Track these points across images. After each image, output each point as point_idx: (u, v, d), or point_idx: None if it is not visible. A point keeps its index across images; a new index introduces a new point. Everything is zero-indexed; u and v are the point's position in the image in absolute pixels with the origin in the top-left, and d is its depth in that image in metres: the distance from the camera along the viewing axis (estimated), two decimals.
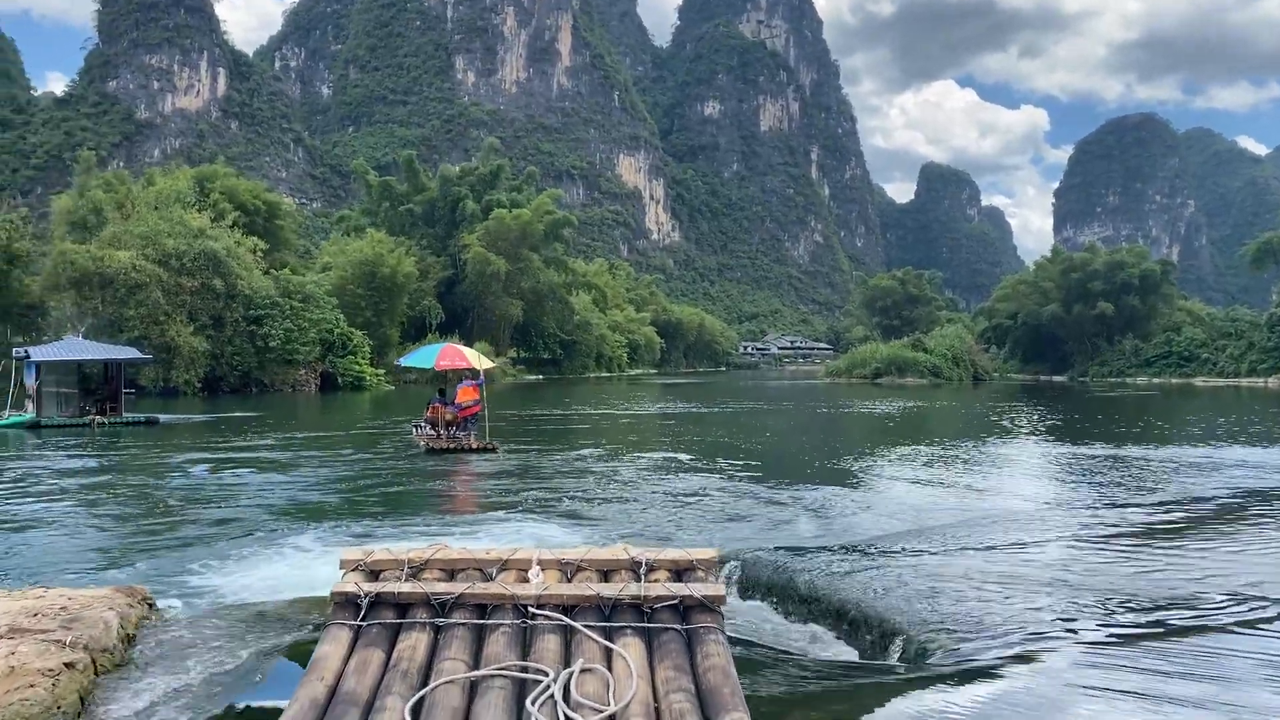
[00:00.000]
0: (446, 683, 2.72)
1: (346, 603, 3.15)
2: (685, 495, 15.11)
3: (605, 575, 3.35)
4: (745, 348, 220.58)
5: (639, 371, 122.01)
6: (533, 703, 2.66)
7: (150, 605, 5.25)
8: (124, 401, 32.10)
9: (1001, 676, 3.93)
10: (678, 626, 3.06)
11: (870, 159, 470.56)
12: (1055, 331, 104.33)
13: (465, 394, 22.45)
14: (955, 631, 4.50)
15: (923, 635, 4.50)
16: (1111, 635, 4.52)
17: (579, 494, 15.80)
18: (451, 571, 3.33)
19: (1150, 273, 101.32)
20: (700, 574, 3.32)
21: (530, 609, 3.11)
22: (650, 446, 25.36)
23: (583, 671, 2.79)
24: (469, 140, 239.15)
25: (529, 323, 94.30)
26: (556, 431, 30.80)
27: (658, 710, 2.67)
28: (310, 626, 4.66)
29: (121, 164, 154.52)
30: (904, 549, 6.62)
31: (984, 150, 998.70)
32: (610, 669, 2.83)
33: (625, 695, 2.64)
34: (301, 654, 3.84)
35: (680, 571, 3.35)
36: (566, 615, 3.10)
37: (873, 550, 6.57)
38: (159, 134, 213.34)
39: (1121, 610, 4.90)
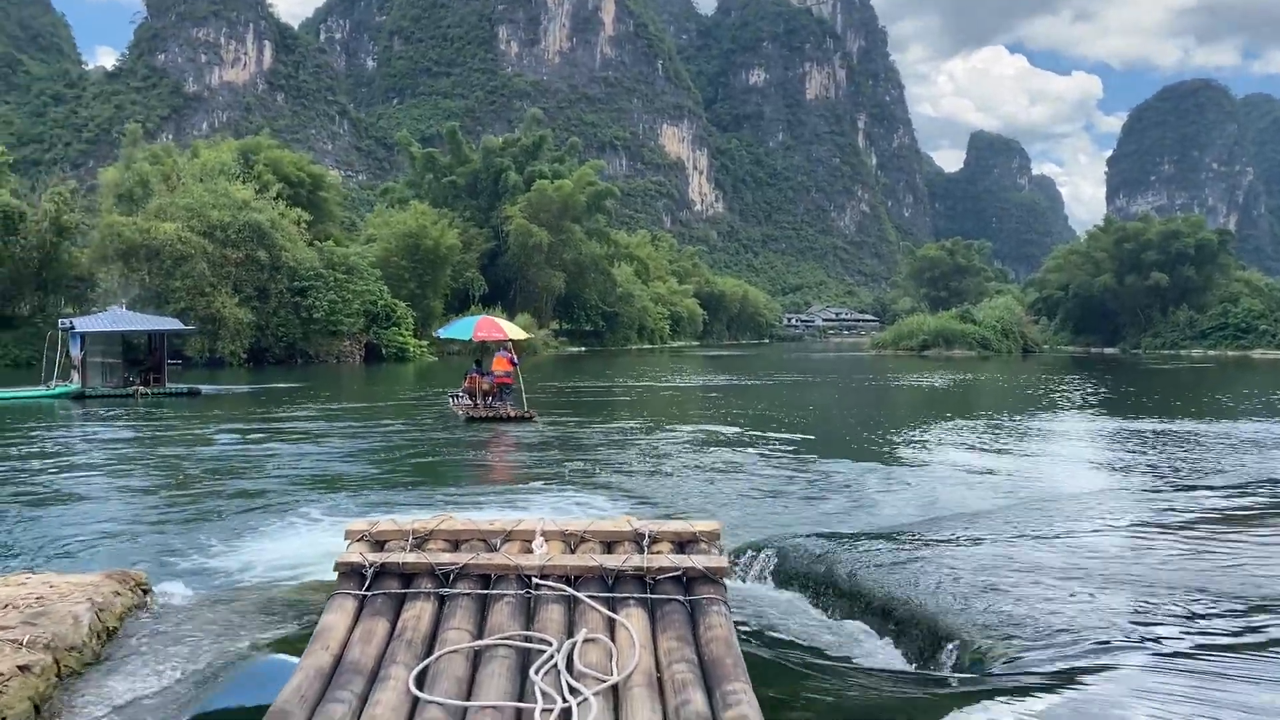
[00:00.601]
0: (451, 652, 2.76)
1: (351, 573, 3.17)
2: (723, 470, 14.68)
3: (609, 546, 3.36)
4: (789, 320, 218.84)
5: (681, 343, 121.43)
6: (536, 672, 2.67)
7: (145, 591, 4.93)
8: (169, 372, 32.36)
9: (1070, 692, 3.44)
10: (680, 598, 3.07)
11: (918, 127, 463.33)
12: (1107, 303, 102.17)
13: (500, 364, 22.91)
14: (1015, 637, 4.00)
15: (979, 640, 4.02)
16: (1197, 643, 3.95)
17: (615, 466, 15.43)
18: (456, 542, 3.36)
19: (1207, 242, 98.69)
20: (703, 545, 3.34)
21: (534, 579, 3.13)
22: (690, 419, 24.95)
23: (586, 641, 2.81)
24: (512, 111, 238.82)
25: (571, 295, 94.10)
26: (597, 404, 30.49)
27: (660, 680, 2.68)
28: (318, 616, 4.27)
29: (170, 137, 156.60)
30: (955, 537, 6.10)
31: (1034, 118, 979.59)
32: (613, 639, 2.85)
33: (628, 665, 2.65)
34: (297, 650, 3.50)
35: (683, 543, 3.36)
36: (570, 586, 3.13)
37: (921, 538, 6.07)
38: (206, 107, 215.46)
39: (1206, 612, 4.33)
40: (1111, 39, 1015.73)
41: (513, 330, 24.28)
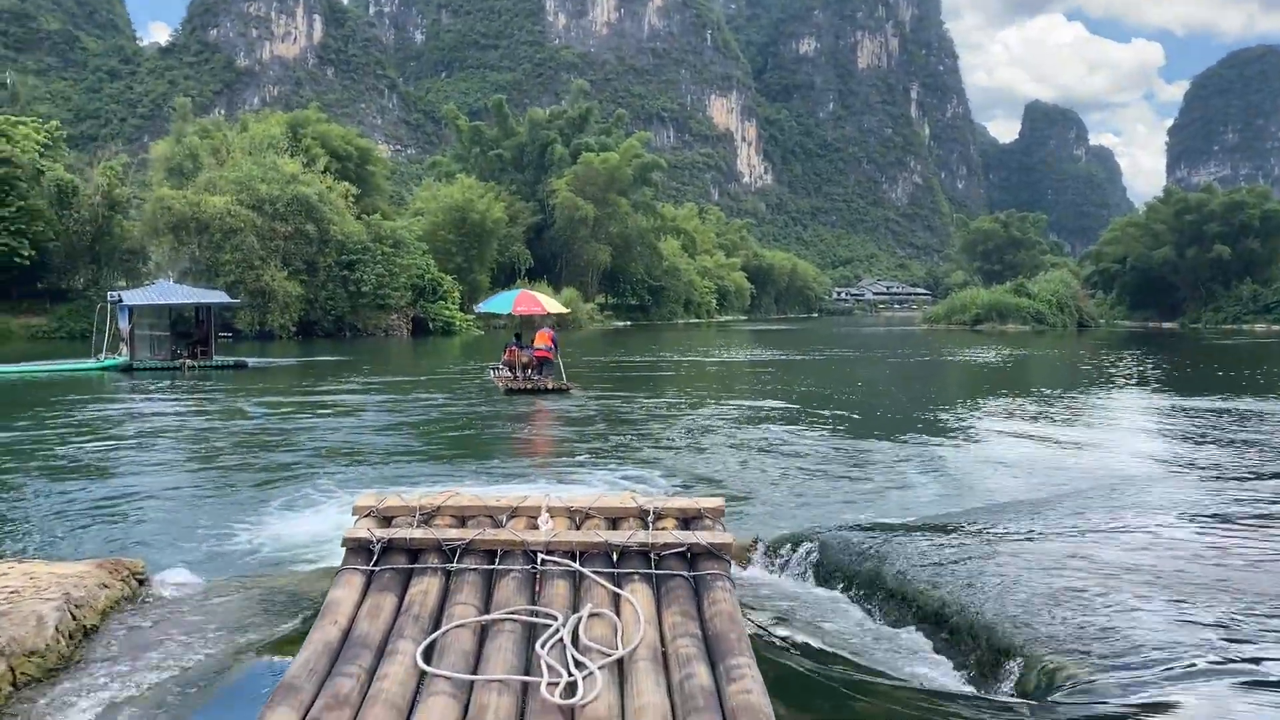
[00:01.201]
0: (458, 626, 2.78)
1: (359, 548, 3.19)
2: (766, 449, 14.21)
3: (614, 523, 3.40)
4: (839, 293, 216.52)
5: (728, 318, 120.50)
6: (542, 646, 2.69)
7: (141, 580, 4.62)
8: (218, 345, 32.57)
9: None
10: (685, 573, 3.09)
11: (972, 97, 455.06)
12: (1166, 276, 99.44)
13: (542, 338, 23.38)
14: (1088, 654, 3.48)
15: (1046, 658, 3.51)
16: None
17: (654, 442, 15.05)
18: (462, 518, 3.39)
19: (1272, 213, 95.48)
20: (708, 522, 3.36)
21: (540, 555, 3.16)
22: (735, 395, 24.46)
23: (591, 616, 2.83)
24: (559, 84, 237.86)
25: (617, 268, 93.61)
26: (640, 379, 30.09)
27: (664, 654, 2.69)
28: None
29: (222, 112, 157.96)
30: (1016, 530, 5.55)
31: (1092, 87, 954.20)
32: (618, 614, 2.87)
33: (633, 640, 2.68)
34: (290, 650, 3.19)
35: (688, 520, 3.39)
36: (575, 561, 3.15)
37: (978, 530, 5.54)
38: (258, 81, 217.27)
39: None
40: (1173, 5, 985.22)
41: (551, 304, 24.96)
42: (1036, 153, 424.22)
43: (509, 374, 23.30)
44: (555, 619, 2.84)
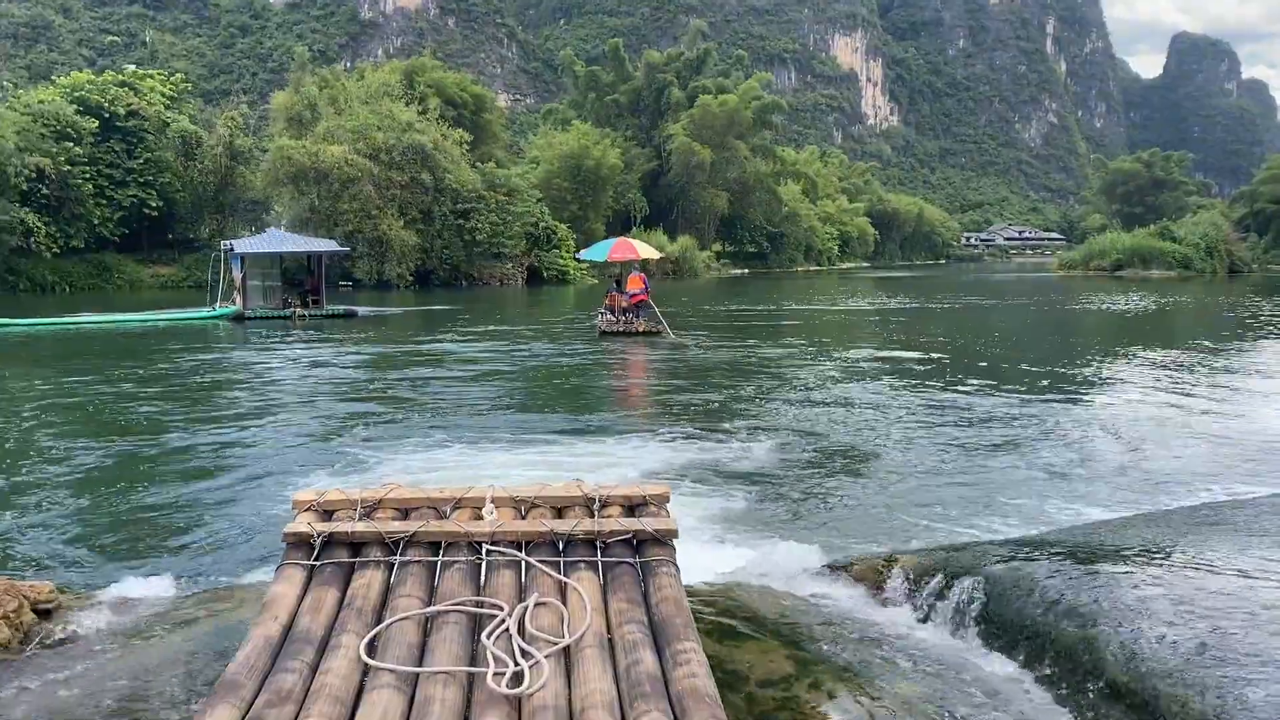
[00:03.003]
0: (401, 619, 2.74)
1: (300, 543, 3.12)
2: (882, 414, 12.60)
3: (559, 511, 3.36)
4: (967, 239, 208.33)
5: (850, 265, 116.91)
6: (488, 636, 2.65)
7: (47, 612, 3.58)
8: (335, 294, 32.51)
9: None
10: (631, 560, 3.09)
11: (1113, 30, 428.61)
12: None
13: (633, 283, 24.57)
14: None
15: None
16: None
17: (755, 402, 13.65)
18: (405, 510, 3.34)
19: None
20: (653, 509, 3.32)
21: (485, 546, 3.14)
22: (853, 346, 22.72)
23: (537, 605, 2.80)
24: (677, 27, 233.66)
25: (735, 215, 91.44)
26: (753, 328, 28.57)
27: (611, 641, 2.69)
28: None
29: (347, 65, 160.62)
30: (1203, 548, 3.94)
31: (1246, 16, 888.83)
32: (565, 603, 2.84)
33: (579, 627, 2.67)
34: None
35: (633, 506, 3.35)
36: (521, 551, 3.13)
37: (1149, 548, 3.98)
38: (381, 34, 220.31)
39: None
40: None
41: (646, 250, 26.59)
42: (1182, 88, 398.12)
43: (611, 317, 24.48)
44: (501, 609, 2.79)
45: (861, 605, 4.04)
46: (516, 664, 2.51)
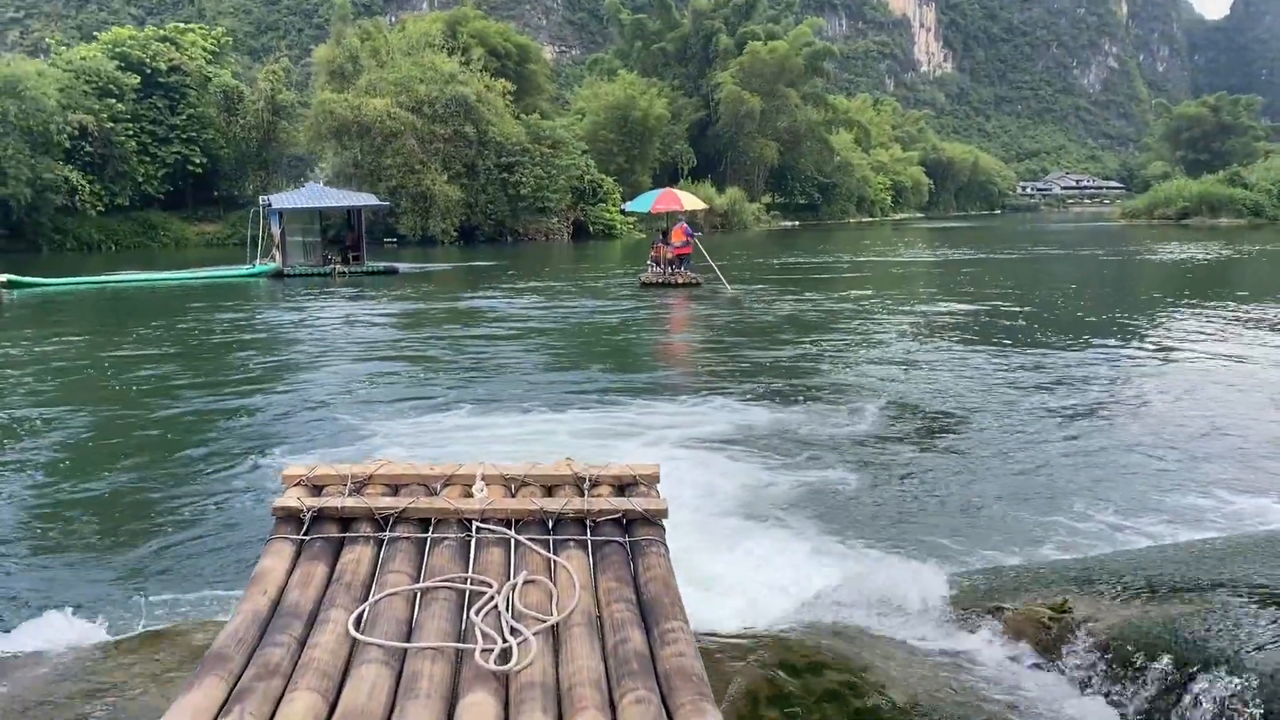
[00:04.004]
0: (390, 595, 2.73)
1: (289, 518, 3.10)
2: (966, 376, 11.37)
3: (549, 490, 3.31)
4: (1023, 189, 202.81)
5: (903, 216, 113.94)
6: (476, 613, 2.64)
7: None
8: (379, 251, 31.69)
9: None
10: (620, 539, 3.05)
11: None
12: None
13: (677, 234, 24.47)
14: None
15: None
16: None
17: (822, 360, 12.50)
18: (395, 486, 3.29)
19: None
20: (643, 488, 3.28)
21: (474, 523, 3.10)
22: (921, 300, 21.36)
23: (526, 583, 2.79)
24: None
25: (785, 166, 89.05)
26: (810, 281, 27.26)
27: (599, 620, 2.67)
28: None
29: (392, 18, 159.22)
30: None
31: None
32: (554, 581, 2.82)
33: (568, 605, 2.67)
34: None
35: (623, 486, 3.30)
36: (510, 529, 3.09)
37: None
38: None
39: None
40: None
41: (690, 201, 26.44)
42: (1250, 29, 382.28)
43: (658, 269, 24.53)
44: (490, 586, 2.78)
45: (1028, 679, 2.89)
46: (505, 640, 2.50)
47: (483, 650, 2.43)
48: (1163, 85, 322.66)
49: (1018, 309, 18.93)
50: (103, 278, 27.40)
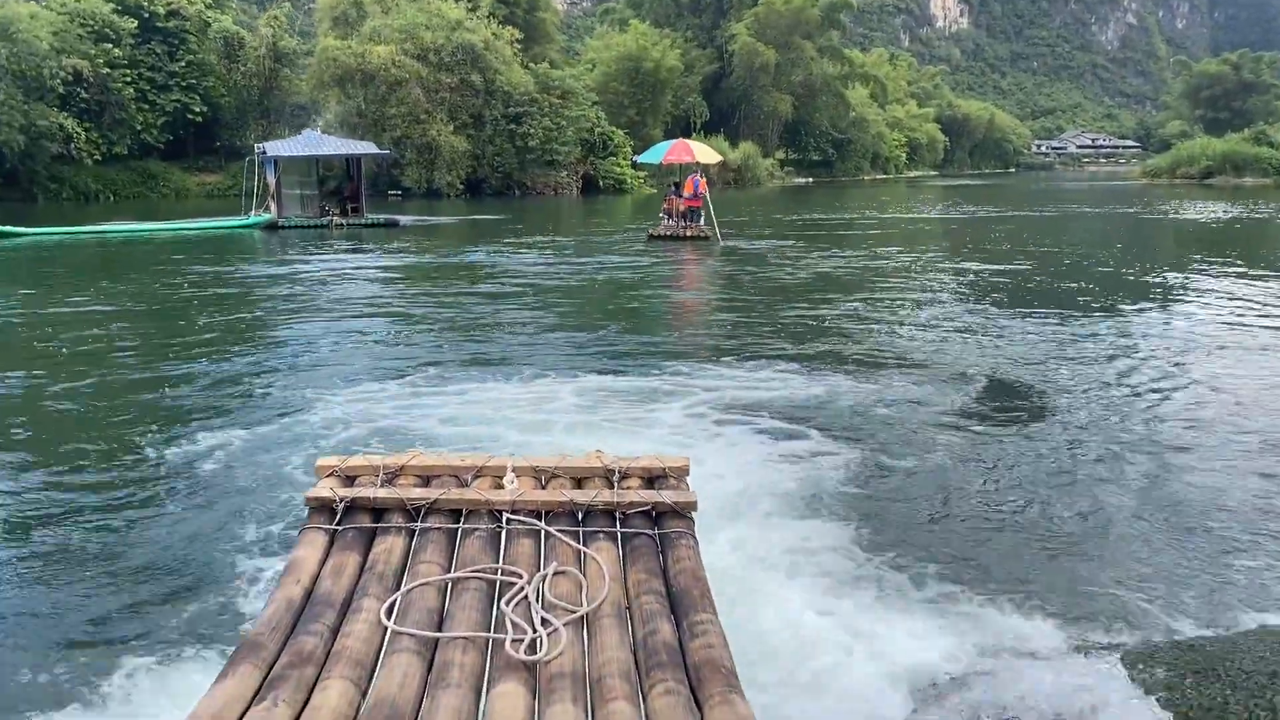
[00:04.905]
0: (422, 584, 2.76)
1: (322, 508, 3.14)
2: (1019, 345, 10.23)
3: (579, 482, 3.34)
4: (1038, 147, 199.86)
5: (918, 173, 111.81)
6: (507, 603, 2.66)
7: None
8: (384, 203, 30.50)
9: None
10: (649, 531, 3.08)
11: None
12: None
13: (688, 186, 24.29)
14: None
15: None
16: None
17: (851, 322, 11.39)
18: (427, 477, 3.34)
19: None
20: (672, 481, 3.30)
21: (505, 514, 3.11)
22: (954, 258, 20.13)
23: (556, 574, 2.81)
24: None
25: (799, 120, 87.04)
26: (835, 238, 26.05)
27: (629, 611, 2.69)
28: None
29: None
30: None
31: None
32: (583, 572, 2.84)
33: (597, 596, 2.69)
34: None
35: (653, 478, 3.34)
36: (541, 521, 3.09)
37: None
38: None
39: None
40: None
41: (703, 153, 25.85)
42: None
43: (670, 222, 24.22)
44: (520, 577, 2.78)
45: None
46: (535, 631, 2.49)
47: (513, 640, 2.43)
48: (1181, 42, 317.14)
49: (1060, 266, 17.73)
50: (91, 228, 26.26)
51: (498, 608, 2.65)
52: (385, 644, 2.49)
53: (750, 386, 8.17)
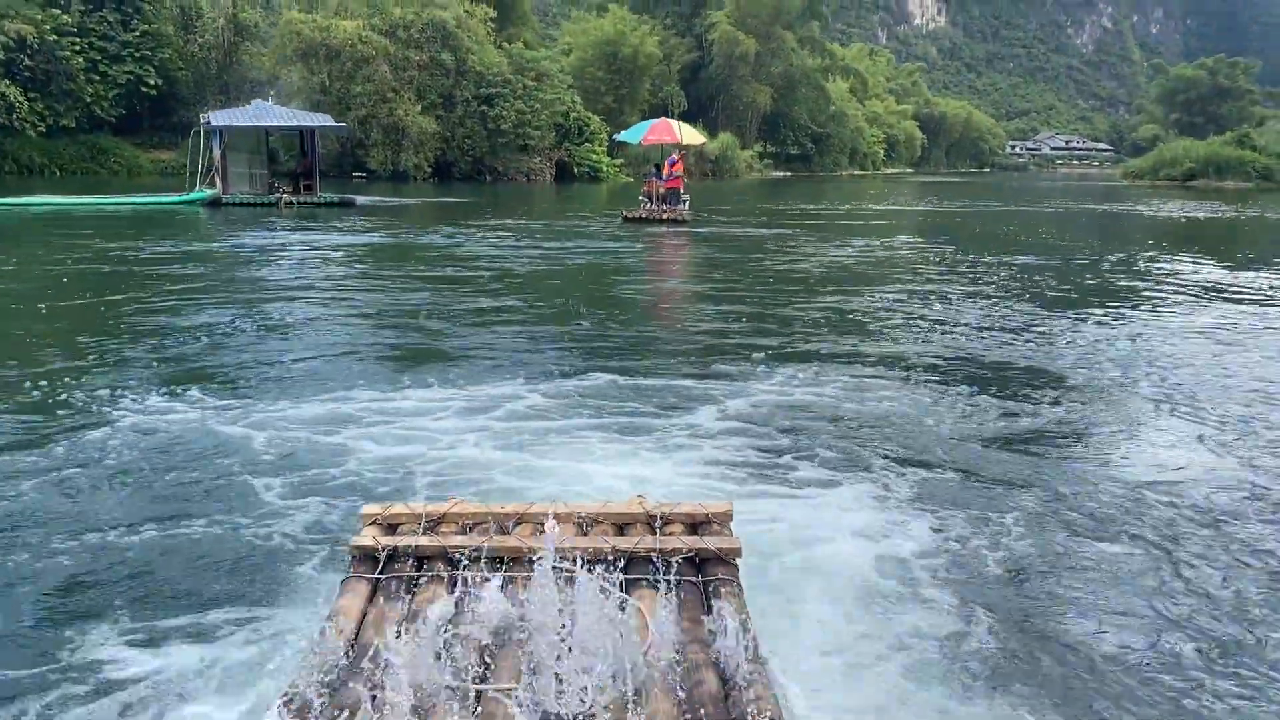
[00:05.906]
0: (465, 635, 2.73)
1: (365, 556, 3.12)
2: (1047, 339, 8.50)
3: (620, 529, 3.32)
4: (1012, 147, 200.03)
5: (895, 170, 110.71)
6: (550, 653, 2.60)
7: None
8: (347, 185, 28.27)
9: None
10: (693, 579, 3.03)
11: None
12: None
13: (667, 167, 23.89)
14: None
15: None
16: None
17: (865, 317, 9.66)
18: (468, 525, 3.32)
19: None
20: (716, 527, 3.27)
21: (547, 562, 2.92)
22: (956, 252, 18.43)
23: (599, 622, 2.69)
24: None
25: (778, 113, 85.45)
26: (830, 227, 24.37)
27: (674, 661, 2.61)
28: None
29: None
30: None
31: None
32: (627, 620, 2.75)
33: (641, 646, 2.64)
34: None
35: (696, 524, 3.30)
36: (582, 567, 2.93)
37: None
38: None
39: None
40: None
41: (688, 134, 25.50)
42: None
43: (651, 205, 23.68)
44: (563, 626, 2.72)
45: None
46: (578, 682, 2.48)
47: (557, 692, 2.42)
48: (1155, 47, 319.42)
49: (1073, 258, 16.09)
50: (10, 200, 23.93)
51: (541, 658, 2.60)
52: (429, 696, 2.44)
53: (768, 393, 6.38)
